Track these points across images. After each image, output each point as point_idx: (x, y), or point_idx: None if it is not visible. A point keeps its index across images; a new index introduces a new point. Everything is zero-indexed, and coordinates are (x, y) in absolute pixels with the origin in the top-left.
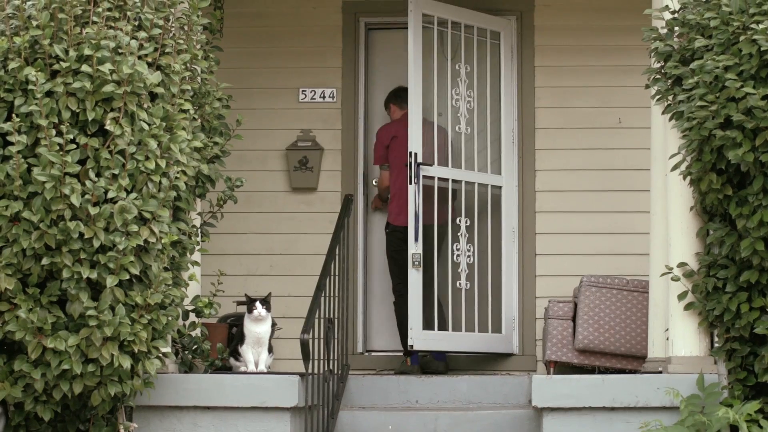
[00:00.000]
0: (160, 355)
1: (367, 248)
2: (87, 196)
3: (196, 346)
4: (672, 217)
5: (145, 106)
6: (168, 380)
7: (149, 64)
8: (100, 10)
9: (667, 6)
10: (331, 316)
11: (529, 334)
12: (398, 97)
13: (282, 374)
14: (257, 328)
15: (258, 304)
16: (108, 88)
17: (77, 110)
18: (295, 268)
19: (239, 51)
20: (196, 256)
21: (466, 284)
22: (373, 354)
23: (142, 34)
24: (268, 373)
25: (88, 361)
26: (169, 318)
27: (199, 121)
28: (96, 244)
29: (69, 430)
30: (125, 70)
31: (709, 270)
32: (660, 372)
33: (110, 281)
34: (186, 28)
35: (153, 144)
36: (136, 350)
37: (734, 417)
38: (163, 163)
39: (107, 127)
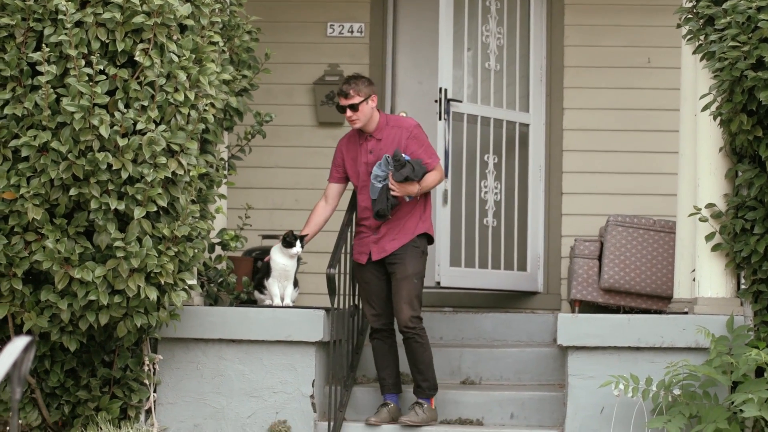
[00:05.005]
0: (186, 287)
1: None
2: (115, 128)
3: (221, 279)
4: (701, 157)
5: (175, 37)
6: (193, 313)
7: None
8: None
9: None
10: None
11: (554, 273)
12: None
13: (307, 308)
14: (285, 261)
15: (299, 242)
16: (138, 19)
17: (107, 41)
18: None
19: None
20: (223, 189)
21: (493, 221)
22: None
23: None
24: (294, 307)
25: (115, 293)
26: (196, 250)
27: (228, 53)
28: (124, 175)
29: (94, 361)
30: (155, 1)
31: (737, 211)
32: (686, 313)
33: (138, 213)
34: None
35: (182, 76)
36: (162, 282)
37: (765, 358)
38: (192, 96)
39: (136, 59)
